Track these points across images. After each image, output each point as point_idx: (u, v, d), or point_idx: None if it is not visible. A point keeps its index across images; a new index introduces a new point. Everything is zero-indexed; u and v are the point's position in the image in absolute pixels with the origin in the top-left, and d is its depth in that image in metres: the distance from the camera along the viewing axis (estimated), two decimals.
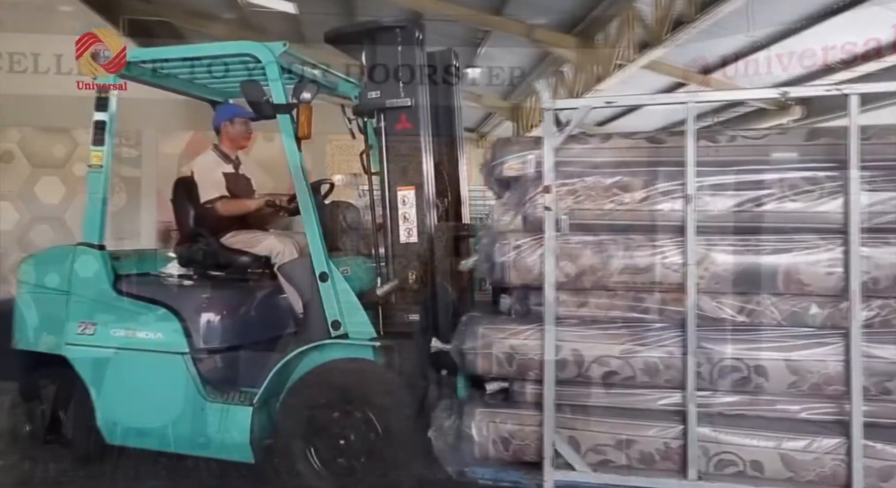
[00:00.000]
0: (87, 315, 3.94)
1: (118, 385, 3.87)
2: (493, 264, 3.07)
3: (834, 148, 2.81)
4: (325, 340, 3.54)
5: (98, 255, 3.97)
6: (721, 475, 2.84)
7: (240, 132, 4.37)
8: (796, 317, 2.84)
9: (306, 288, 3.65)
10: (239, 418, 3.63)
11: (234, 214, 4.20)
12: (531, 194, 3.01)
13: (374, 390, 3.41)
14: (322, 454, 3.49)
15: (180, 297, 3.90)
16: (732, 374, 2.82)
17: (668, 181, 2.92)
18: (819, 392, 2.78)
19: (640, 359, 2.90)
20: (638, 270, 2.91)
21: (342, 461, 3.46)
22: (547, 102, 2.96)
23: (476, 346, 3.08)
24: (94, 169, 3.97)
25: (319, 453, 3.49)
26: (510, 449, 3.05)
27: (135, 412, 3.85)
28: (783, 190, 2.79)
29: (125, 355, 3.85)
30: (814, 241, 2.77)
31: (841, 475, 2.72)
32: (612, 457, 2.94)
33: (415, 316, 3.55)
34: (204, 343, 3.79)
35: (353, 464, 3.44)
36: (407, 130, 3.61)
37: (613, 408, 3.00)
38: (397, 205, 3.61)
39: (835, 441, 2.74)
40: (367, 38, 3.66)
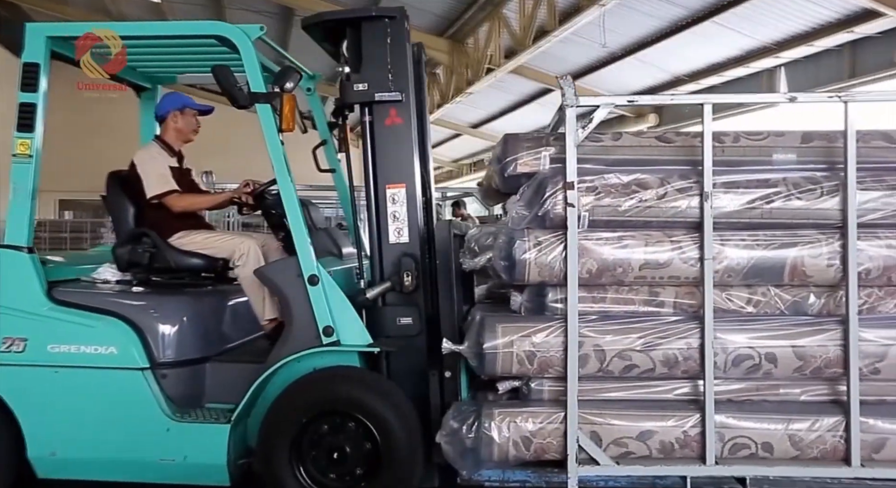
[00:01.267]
0: (14, 329, 3.42)
1: (56, 410, 3.40)
2: (512, 262, 3.03)
3: (828, 150, 3.07)
4: (318, 347, 3.31)
5: (27, 260, 3.47)
6: (735, 458, 3.00)
7: (188, 124, 4.01)
8: (797, 307, 3.06)
9: (291, 292, 3.39)
10: (213, 437, 3.32)
11: (189, 211, 3.84)
12: (551, 191, 3.00)
13: (373, 398, 3.22)
14: (312, 470, 3.26)
15: (134, 306, 3.49)
16: (745, 362, 2.98)
17: (681, 179, 3.03)
18: (819, 375, 3.01)
19: (660, 352, 2.99)
20: (657, 266, 3.00)
21: (337, 477, 3.25)
22: (570, 100, 2.97)
23: (497, 345, 3.02)
24: (21, 159, 3.46)
25: (309, 470, 3.25)
26: (531, 448, 3.02)
27: (79, 439, 3.40)
28: (788, 188, 3.00)
29: (66, 375, 3.38)
30: (815, 236, 3.00)
31: (840, 450, 2.97)
32: (634, 449, 3.01)
33: (407, 319, 3.42)
34: (166, 356, 3.42)
35: (349, 480, 3.24)
36: (397, 125, 3.47)
37: (633, 401, 3.07)
38: (386, 203, 3.47)
39: (834, 419, 2.98)
40: (351, 28, 3.49)
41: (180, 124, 3.99)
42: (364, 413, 3.20)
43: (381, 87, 3.44)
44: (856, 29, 8.76)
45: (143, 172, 3.81)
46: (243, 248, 3.71)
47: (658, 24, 10.08)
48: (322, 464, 3.23)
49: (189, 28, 3.51)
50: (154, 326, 3.43)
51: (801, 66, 9.58)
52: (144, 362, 3.37)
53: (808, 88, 9.30)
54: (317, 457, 3.24)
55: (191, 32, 3.51)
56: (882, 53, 8.56)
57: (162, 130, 4.04)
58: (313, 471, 3.24)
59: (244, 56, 3.36)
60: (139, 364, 3.37)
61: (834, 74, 9.12)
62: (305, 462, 3.24)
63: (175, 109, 3.98)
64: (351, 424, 3.24)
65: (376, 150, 3.48)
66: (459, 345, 3.14)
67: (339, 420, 3.25)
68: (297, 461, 3.24)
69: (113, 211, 3.93)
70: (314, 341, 3.34)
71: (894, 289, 3.06)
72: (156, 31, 3.49)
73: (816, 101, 3.00)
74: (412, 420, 3.22)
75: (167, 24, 3.61)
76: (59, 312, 3.43)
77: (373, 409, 3.19)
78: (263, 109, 3.37)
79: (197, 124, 4.05)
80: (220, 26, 3.41)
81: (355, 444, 3.23)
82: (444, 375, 3.30)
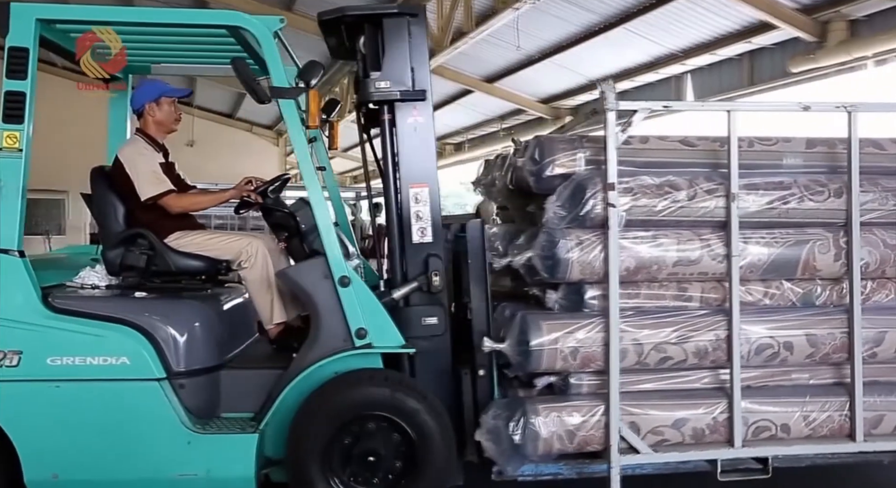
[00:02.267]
0: (6, 341, 3.12)
1: (58, 428, 3.14)
2: (556, 260, 3.11)
3: (830, 155, 3.36)
4: (351, 350, 3.24)
5: (18, 264, 3.18)
6: (758, 440, 3.23)
7: (168, 115, 3.78)
8: (806, 298, 3.34)
9: (319, 294, 3.29)
10: (240, 448, 3.17)
11: (187, 211, 3.64)
12: (591, 192, 3.10)
13: (410, 399, 3.18)
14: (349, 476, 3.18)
15: (145, 312, 3.26)
16: (766, 351, 3.22)
17: (707, 181, 3.23)
18: (827, 360, 3.30)
19: (692, 344, 3.17)
20: (689, 263, 3.18)
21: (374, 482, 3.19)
22: (611, 103, 3.08)
23: (543, 342, 3.09)
24: (8, 153, 3.16)
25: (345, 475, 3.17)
26: (574, 440, 3.12)
27: (85, 459, 3.16)
28: (801, 190, 3.26)
29: (69, 390, 3.13)
30: (823, 234, 3.28)
31: (846, 427, 3.27)
32: (669, 437, 3.18)
33: (432, 318, 3.40)
34: (182, 365, 3.23)
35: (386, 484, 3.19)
36: (419, 124, 3.45)
37: (667, 391, 3.23)
38: (409, 203, 3.44)
39: (840, 400, 3.27)
40: (370, 25, 3.42)
41: (159, 116, 3.75)
42: (401, 415, 3.16)
43: (403, 85, 3.41)
44: (753, 40, 9.50)
45: (132, 171, 3.57)
46: (251, 250, 3.57)
47: (572, 28, 10.47)
48: (359, 469, 3.16)
49: (205, 17, 3.34)
50: (169, 334, 3.23)
51: (705, 73, 10.25)
52: (160, 372, 3.17)
53: (711, 95, 9.98)
54: (353, 463, 3.16)
55: (205, 22, 3.33)
56: (777, 63, 9.33)
57: (142, 124, 3.80)
58: (349, 477, 3.17)
59: (265, 49, 3.24)
60: (155, 374, 3.16)
61: (735, 82, 9.83)
62: (342, 468, 3.16)
63: (150, 101, 3.74)
64: (385, 426, 3.19)
65: (399, 150, 3.44)
66: (500, 343, 3.18)
67: (373, 424, 3.19)
68: (332, 467, 3.15)
69: (99, 211, 3.65)
70: (343, 344, 3.27)
71: (886, 281, 3.39)
72: (166, 18, 3.28)
73: (825, 110, 3.26)
74: (447, 420, 3.22)
75: (179, 11, 3.39)
76: (59, 321, 3.16)
77: (410, 411, 3.15)
78: (287, 105, 3.26)
79: (177, 112, 3.84)
80: (239, 17, 3.25)
81: (391, 447, 3.18)
82: (477, 374, 3.31)
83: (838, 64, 8.80)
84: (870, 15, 8.50)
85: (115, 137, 4.16)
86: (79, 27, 3.39)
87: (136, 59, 3.95)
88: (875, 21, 8.48)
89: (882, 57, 8.46)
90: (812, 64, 9.02)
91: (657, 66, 10.44)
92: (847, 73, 8.84)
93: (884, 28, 8.28)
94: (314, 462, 3.12)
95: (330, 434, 3.14)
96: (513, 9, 9.15)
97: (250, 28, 3.23)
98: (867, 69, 8.68)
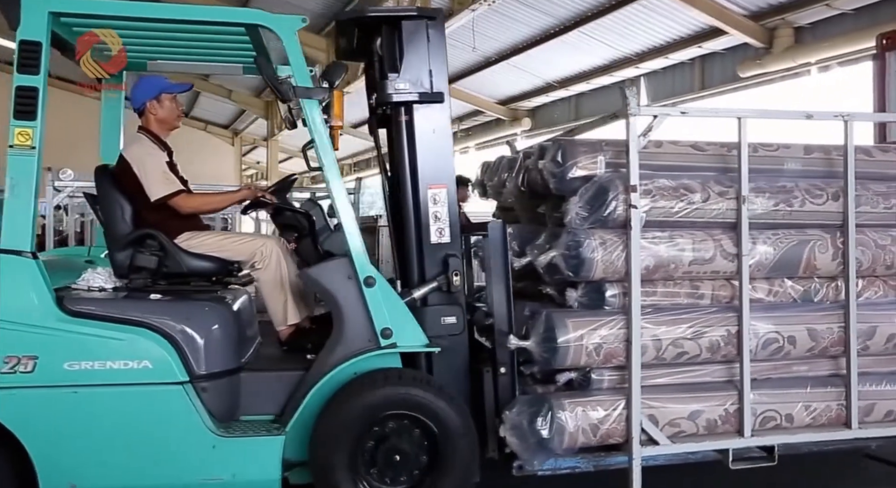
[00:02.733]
0: (19, 346, 3.02)
1: (76, 435, 3.05)
2: (581, 260, 3.21)
3: (826, 161, 3.57)
4: (377, 350, 3.25)
5: (31, 266, 3.08)
6: (765, 430, 3.40)
7: (170, 111, 3.72)
8: (806, 295, 3.54)
9: (343, 294, 3.30)
10: (265, 451, 3.15)
11: (198, 212, 3.58)
12: (614, 193, 3.21)
13: (436, 398, 3.22)
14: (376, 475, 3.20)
15: (166, 315, 3.20)
16: (772, 345, 3.39)
17: (718, 184, 3.38)
18: (825, 353, 3.50)
19: (706, 339, 3.32)
20: (703, 262, 3.33)
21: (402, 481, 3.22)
22: (633, 108, 3.19)
23: (569, 339, 3.19)
24: (21, 150, 3.06)
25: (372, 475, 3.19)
26: (598, 434, 3.23)
27: (104, 467, 3.08)
28: (802, 193, 3.45)
29: (88, 395, 3.05)
30: (821, 234, 3.48)
31: (842, 416, 3.48)
32: (685, 428, 3.32)
33: (451, 318, 3.44)
34: (204, 368, 3.18)
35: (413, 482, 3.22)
36: (437, 126, 3.49)
37: (683, 385, 3.37)
38: (427, 204, 3.47)
39: (837, 390, 3.48)
40: (389, 27, 3.44)
41: (161, 113, 3.69)
42: (427, 414, 3.19)
43: (421, 88, 3.44)
44: (704, 44, 9.88)
45: (142, 171, 3.50)
46: (265, 251, 3.54)
47: (528, 31, 10.65)
48: (386, 469, 3.19)
49: (227, 15, 3.27)
50: (191, 336, 3.17)
51: (659, 76, 10.59)
52: (184, 375, 3.12)
53: (665, 98, 10.32)
54: (380, 462, 3.18)
55: (228, 19, 3.27)
56: (728, 68, 9.72)
57: (144, 122, 3.72)
58: (377, 476, 3.19)
59: (288, 48, 3.22)
60: (178, 377, 3.11)
61: (687, 86, 10.19)
62: (369, 468, 3.18)
63: (151, 99, 3.67)
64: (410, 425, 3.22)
65: (417, 151, 3.46)
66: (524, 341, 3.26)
67: (401, 423, 3.22)
68: (359, 468, 3.16)
69: (105, 212, 3.55)
70: (368, 344, 3.28)
71: (875, 279, 3.63)
72: (186, 15, 3.18)
73: (826, 118, 3.45)
74: (470, 418, 3.27)
75: (201, 8, 3.28)
76: (76, 325, 3.07)
77: (436, 410, 3.19)
78: (310, 105, 3.25)
79: (179, 108, 3.77)
80: (263, 16, 3.22)
81: (417, 446, 3.22)
82: (498, 372, 3.38)
83: (784, 69, 9.25)
84: (814, 23, 8.96)
85: (109, 136, 4.05)
86: (89, 22, 3.29)
87: (139, 56, 3.86)
88: (818, 29, 8.95)
89: (825, 63, 8.92)
90: (760, 69, 9.44)
91: (612, 69, 10.73)
92: (793, 79, 9.28)
93: (826, 36, 8.75)
94: (344, 462, 3.13)
95: (360, 433, 3.16)
96: (469, 10, 9.26)
97: (273, 27, 3.20)
98: (811, 75, 9.13)
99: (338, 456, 3.13)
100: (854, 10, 8.40)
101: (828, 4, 8.45)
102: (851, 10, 8.42)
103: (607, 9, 9.85)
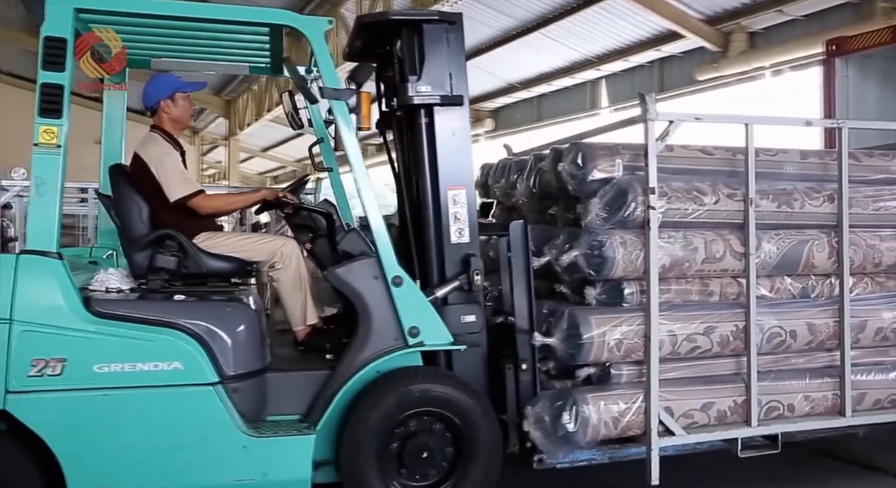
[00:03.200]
0: (47, 349, 2.97)
1: (106, 438, 3.01)
2: (603, 259, 3.33)
3: (821, 165, 3.79)
4: (404, 348, 3.31)
5: (57, 266, 3.02)
6: (770, 419, 3.59)
7: (184, 111, 3.70)
8: (803, 292, 3.75)
9: (370, 294, 3.33)
10: (297, 450, 3.17)
11: (217, 212, 3.56)
12: (633, 195, 3.35)
13: (462, 394, 3.29)
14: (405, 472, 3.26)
15: (194, 315, 3.17)
16: (776, 339, 3.59)
17: (726, 186, 3.55)
18: (822, 346, 3.72)
19: (717, 334, 3.49)
20: (714, 260, 3.50)
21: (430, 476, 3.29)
22: (653, 114, 3.33)
23: (593, 336, 3.31)
24: (46, 148, 3.00)
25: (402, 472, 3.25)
26: (619, 426, 3.36)
27: (135, 470, 3.05)
28: (801, 195, 3.66)
29: (119, 397, 3.01)
30: (818, 234, 3.69)
31: (837, 404, 3.70)
32: (698, 419, 3.49)
33: (470, 316, 3.51)
34: (234, 369, 3.17)
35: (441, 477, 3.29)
36: (457, 128, 3.55)
37: (696, 378, 3.53)
38: (447, 205, 3.53)
39: (833, 380, 3.70)
40: (409, 30, 3.49)
41: (175, 112, 3.65)
42: (454, 410, 3.27)
43: (442, 90, 3.49)
44: (662, 48, 10.19)
45: (160, 171, 3.46)
46: (286, 251, 3.55)
47: (491, 32, 10.77)
48: (415, 465, 3.25)
49: (255, 15, 3.25)
50: (220, 337, 3.16)
51: (619, 78, 10.86)
52: (215, 376, 3.11)
53: (625, 100, 10.60)
54: (410, 458, 3.24)
55: (256, 20, 3.26)
56: (685, 71, 10.06)
57: (157, 121, 3.67)
58: (406, 473, 3.25)
59: (316, 49, 3.24)
60: (210, 378, 3.10)
61: (646, 88, 10.47)
62: (398, 464, 3.23)
63: (165, 98, 3.63)
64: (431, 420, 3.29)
65: (437, 153, 3.52)
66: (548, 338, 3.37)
67: (426, 420, 3.28)
68: (388, 465, 3.21)
69: (122, 212, 3.50)
70: (395, 342, 3.33)
71: (864, 276, 3.87)
72: (215, 14, 3.15)
73: (823, 125, 3.67)
74: (493, 413, 3.36)
75: (230, 8, 3.26)
76: (104, 326, 3.03)
77: (462, 406, 3.27)
78: (339, 106, 3.27)
79: (192, 107, 3.74)
80: (291, 16, 3.23)
81: (444, 442, 3.29)
82: (519, 368, 3.47)
83: (739, 73, 9.63)
84: (767, 28, 9.36)
85: (111, 135, 3.99)
86: (108, 18, 3.24)
87: (143, 53, 3.81)
88: (771, 34, 9.35)
89: (778, 67, 9.33)
90: (716, 72, 9.80)
91: (573, 70, 10.96)
92: (747, 82, 9.67)
93: (779, 40, 9.15)
94: (371, 459, 3.18)
95: (391, 431, 3.22)
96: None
97: (302, 28, 3.22)
98: (765, 79, 9.54)
99: (367, 455, 3.17)
100: (805, 16, 8.82)
101: (780, 10, 8.85)
102: (802, 16, 8.85)
103: (568, 11, 10.06)
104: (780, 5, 8.76)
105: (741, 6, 9.18)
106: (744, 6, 9.16)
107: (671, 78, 10.29)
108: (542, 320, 3.53)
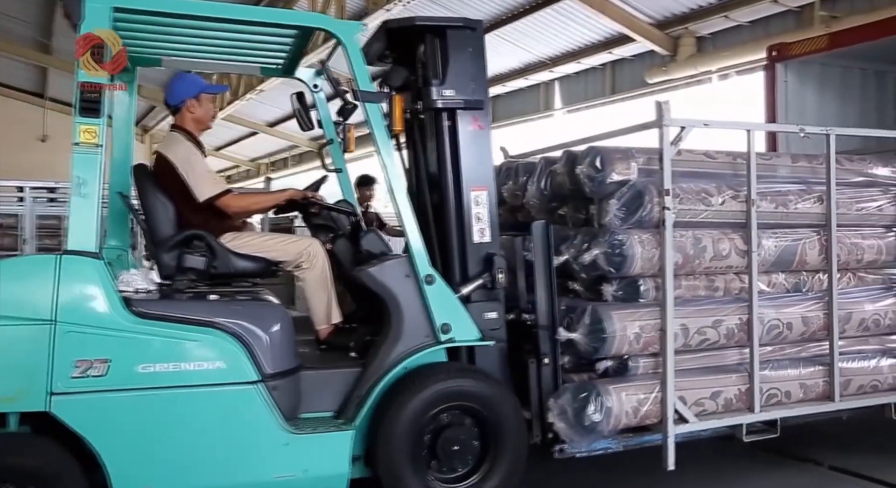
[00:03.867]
0: (91, 350, 2.95)
1: (150, 438, 3.02)
2: (624, 257, 3.51)
3: (810, 169, 4.08)
4: (436, 344, 3.40)
5: (97, 267, 3.00)
6: (770, 406, 3.85)
7: (207, 111, 3.71)
8: (796, 287, 4.03)
9: (402, 292, 3.42)
10: (336, 446, 3.23)
11: (245, 212, 3.57)
12: (649, 197, 3.54)
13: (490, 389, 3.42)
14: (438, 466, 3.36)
15: (233, 315, 3.19)
16: (775, 330, 3.85)
17: (729, 188, 3.79)
18: (814, 337, 4.01)
19: (724, 327, 3.72)
20: (721, 258, 3.73)
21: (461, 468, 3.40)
22: (667, 119, 3.53)
23: (615, 330, 3.48)
24: (86, 148, 2.97)
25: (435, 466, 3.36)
26: (638, 416, 3.55)
27: (180, 469, 3.07)
28: (795, 196, 3.94)
29: (163, 397, 3.02)
30: (809, 233, 3.98)
31: (826, 391, 4.00)
32: (708, 407, 3.71)
33: (492, 313, 3.62)
34: (273, 367, 3.20)
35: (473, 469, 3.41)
36: (479, 131, 3.67)
37: (706, 368, 3.75)
38: (470, 205, 3.64)
39: (823, 368, 4.00)
40: (432, 35, 3.58)
41: (199, 112, 3.65)
42: (484, 404, 3.39)
43: (465, 94, 3.60)
44: (614, 50, 10.52)
45: (188, 171, 3.45)
46: (312, 251, 3.59)
47: None
48: (447, 458, 3.36)
49: (289, 17, 3.28)
50: (259, 336, 3.18)
51: (572, 80, 11.14)
52: (256, 375, 3.13)
53: (578, 101, 10.89)
54: (442, 451, 3.35)
55: (290, 22, 3.28)
56: (636, 74, 10.42)
57: (178, 120, 3.66)
58: (439, 467, 3.35)
59: (350, 52, 3.29)
60: (252, 377, 3.12)
61: (599, 90, 10.81)
62: (431, 459, 3.34)
63: (190, 97, 3.62)
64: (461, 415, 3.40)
65: (460, 155, 3.62)
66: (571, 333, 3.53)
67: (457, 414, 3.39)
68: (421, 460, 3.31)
69: (149, 212, 3.46)
70: (426, 339, 3.42)
71: (846, 271, 4.18)
72: (251, 16, 3.16)
73: (815, 132, 3.94)
74: (520, 406, 3.50)
75: (265, 10, 3.28)
76: (147, 327, 3.02)
77: (493, 400, 3.40)
78: (372, 109, 3.34)
79: (215, 109, 3.74)
80: (324, 19, 3.30)
81: (473, 435, 3.41)
82: (541, 362, 3.62)
83: (688, 77, 10.04)
84: (714, 33, 9.79)
85: (120, 134, 3.92)
86: (139, 17, 3.21)
87: (155, 52, 3.77)
88: (718, 39, 9.79)
89: (724, 72, 9.78)
90: (665, 75, 10.19)
91: (527, 72, 11.18)
92: (696, 85, 10.10)
93: (725, 45, 9.59)
94: (407, 453, 3.27)
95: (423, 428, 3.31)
96: (384, 10, 9.37)
97: (336, 31, 3.27)
98: (712, 82, 9.99)
99: (407, 447, 3.26)
100: (749, 22, 9.28)
101: (726, 16, 9.29)
102: (747, 22, 9.30)
103: (521, 13, 10.28)
104: (726, 11, 9.20)
105: (689, 11, 9.58)
106: (692, 11, 9.56)
107: (622, 80, 10.65)
108: (563, 316, 3.68)
